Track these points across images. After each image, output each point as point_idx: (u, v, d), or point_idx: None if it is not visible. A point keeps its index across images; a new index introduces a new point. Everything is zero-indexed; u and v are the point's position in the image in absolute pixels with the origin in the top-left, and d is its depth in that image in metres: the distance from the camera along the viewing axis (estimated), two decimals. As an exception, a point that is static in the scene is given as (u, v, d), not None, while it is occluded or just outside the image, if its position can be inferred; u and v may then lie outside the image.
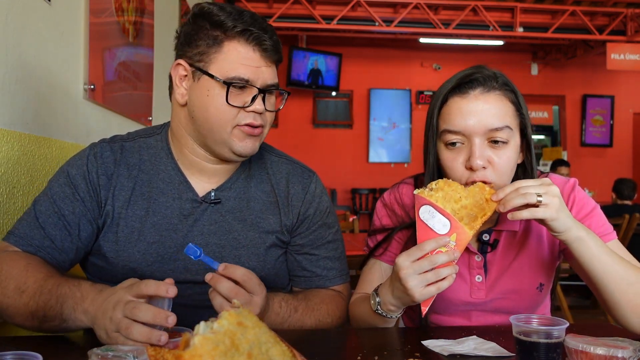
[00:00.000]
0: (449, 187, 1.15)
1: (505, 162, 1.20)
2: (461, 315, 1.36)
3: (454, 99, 1.22)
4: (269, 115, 1.28)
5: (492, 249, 1.32)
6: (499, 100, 1.21)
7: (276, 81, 1.27)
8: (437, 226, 1.11)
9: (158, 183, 1.31)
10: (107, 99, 2.36)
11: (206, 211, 1.30)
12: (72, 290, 1.10)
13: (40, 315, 1.11)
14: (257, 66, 1.22)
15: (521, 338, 0.95)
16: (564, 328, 0.94)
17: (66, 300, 1.09)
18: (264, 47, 1.22)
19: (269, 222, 1.34)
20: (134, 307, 0.97)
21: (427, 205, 1.13)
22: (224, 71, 1.21)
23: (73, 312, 1.08)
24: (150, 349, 0.71)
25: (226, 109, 1.22)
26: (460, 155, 1.21)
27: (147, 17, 2.99)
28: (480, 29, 7.63)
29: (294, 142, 8.50)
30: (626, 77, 9.22)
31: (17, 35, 1.54)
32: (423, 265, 1.07)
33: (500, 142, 1.19)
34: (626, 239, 4.57)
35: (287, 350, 0.81)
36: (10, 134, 1.49)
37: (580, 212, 1.28)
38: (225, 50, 1.22)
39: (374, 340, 1.15)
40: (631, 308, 1.13)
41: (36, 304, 1.11)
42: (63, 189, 1.27)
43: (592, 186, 7.85)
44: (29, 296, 1.12)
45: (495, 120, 1.19)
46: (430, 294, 1.09)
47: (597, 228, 1.25)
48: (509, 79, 1.27)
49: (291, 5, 7.14)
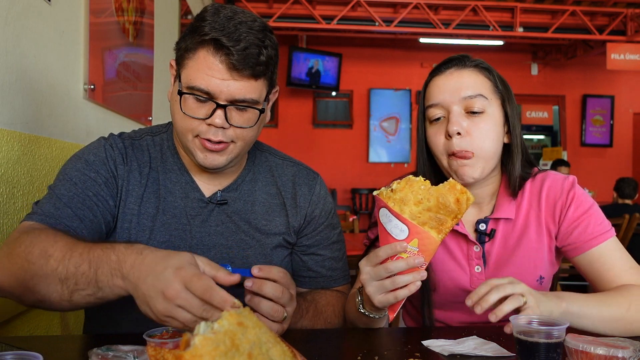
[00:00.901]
0: (410, 188, 1.04)
1: (483, 131, 1.26)
2: (462, 310, 1.36)
3: (432, 79, 1.33)
4: (238, 132, 1.20)
5: (490, 239, 1.33)
6: (472, 73, 1.30)
7: (249, 97, 1.18)
8: (395, 231, 1.04)
9: (166, 182, 1.30)
10: (107, 99, 2.36)
11: (213, 212, 1.30)
12: (106, 253, 0.97)
13: (72, 284, 0.99)
14: (223, 79, 1.15)
15: (521, 338, 0.95)
16: (564, 328, 0.94)
17: (100, 264, 0.97)
18: (231, 60, 1.14)
19: (275, 223, 1.34)
20: (206, 285, 0.87)
21: (384, 208, 1.05)
22: (189, 79, 1.17)
23: (110, 278, 0.96)
24: (151, 349, 0.71)
25: (184, 118, 1.19)
26: (442, 127, 1.29)
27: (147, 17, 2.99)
28: (480, 29, 7.62)
29: (293, 142, 8.50)
30: (626, 77, 9.22)
31: (17, 35, 1.54)
32: (379, 273, 1.05)
33: (478, 112, 1.26)
34: (626, 239, 4.57)
35: (288, 350, 0.81)
36: (10, 134, 1.49)
37: (577, 209, 1.29)
38: (197, 56, 1.16)
39: (374, 340, 1.15)
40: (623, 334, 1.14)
41: (66, 270, 0.98)
42: (83, 174, 1.22)
43: (592, 186, 7.85)
44: (57, 260, 0.99)
45: (469, 90, 1.27)
46: (388, 302, 1.07)
47: (595, 226, 1.27)
48: (487, 64, 1.35)
49: (291, 5, 7.14)
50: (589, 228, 1.27)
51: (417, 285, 1.04)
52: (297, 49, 8.33)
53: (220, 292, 0.88)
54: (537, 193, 1.34)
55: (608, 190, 8.43)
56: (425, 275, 1.05)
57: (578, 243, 1.27)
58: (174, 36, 3.76)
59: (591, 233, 1.27)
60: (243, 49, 1.14)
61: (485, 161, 1.27)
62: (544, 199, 1.32)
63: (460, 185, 1.03)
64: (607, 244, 1.26)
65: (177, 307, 0.88)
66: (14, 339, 1.21)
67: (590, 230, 1.27)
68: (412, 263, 1.03)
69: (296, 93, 8.70)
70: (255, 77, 1.17)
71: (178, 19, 3.87)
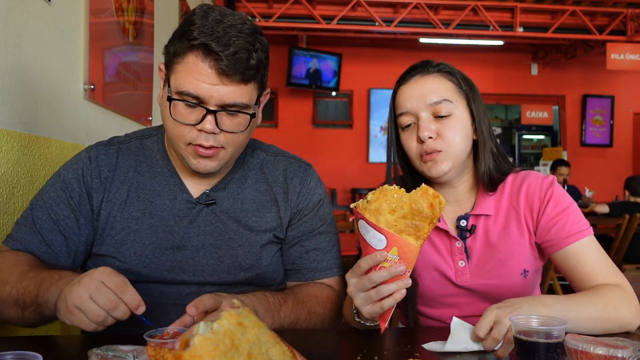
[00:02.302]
0: (384, 197, 1.05)
1: (452, 132, 1.32)
2: (452, 306, 1.39)
3: (400, 88, 1.40)
4: (229, 137, 1.20)
5: (471, 234, 1.37)
6: (435, 79, 1.36)
7: (240, 101, 1.17)
8: (373, 241, 1.04)
9: (154, 185, 1.31)
10: (107, 99, 2.36)
11: (201, 212, 1.31)
12: (51, 274, 1.10)
13: (21, 303, 1.11)
14: (213, 84, 1.14)
15: (521, 338, 0.95)
16: (564, 328, 0.94)
17: (43, 282, 1.09)
18: (220, 65, 1.12)
19: (265, 220, 1.34)
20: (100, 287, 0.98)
21: (362, 219, 1.05)
22: (178, 84, 1.16)
23: (46, 292, 1.07)
24: (150, 349, 0.71)
25: (175, 124, 1.19)
26: (413, 133, 1.36)
27: (147, 17, 2.99)
28: (480, 29, 7.62)
29: (293, 142, 8.49)
30: (626, 77, 9.21)
31: (17, 35, 1.54)
32: (364, 284, 1.06)
33: (445, 115, 1.32)
34: (626, 239, 4.57)
35: (287, 351, 0.81)
36: (10, 134, 1.49)
37: (556, 207, 1.32)
38: (186, 61, 1.15)
39: (374, 340, 1.15)
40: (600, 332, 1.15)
41: (17, 292, 1.11)
42: (58, 194, 1.28)
43: (592, 186, 7.84)
44: (11, 286, 1.12)
45: (434, 96, 1.33)
46: (375, 313, 1.08)
47: (573, 224, 1.30)
48: (450, 66, 1.40)
49: (291, 5, 7.14)
50: (567, 226, 1.30)
51: (402, 293, 1.05)
52: (297, 49, 8.33)
53: (132, 291, 1.00)
54: (517, 190, 1.37)
55: (608, 190, 8.44)
56: (410, 282, 1.05)
57: (555, 240, 1.30)
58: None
59: (568, 231, 1.29)
60: (232, 54, 1.13)
61: (453, 157, 1.33)
62: (523, 196, 1.36)
63: (432, 190, 1.05)
64: (584, 242, 1.29)
65: (87, 296, 0.97)
66: (14, 339, 1.21)
67: (567, 228, 1.29)
68: (395, 271, 1.04)
69: (296, 93, 8.69)
70: (245, 81, 1.16)
71: (178, 19, 3.87)
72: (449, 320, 1.38)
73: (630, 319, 1.19)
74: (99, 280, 0.99)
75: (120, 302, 0.99)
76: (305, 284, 1.38)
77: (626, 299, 1.20)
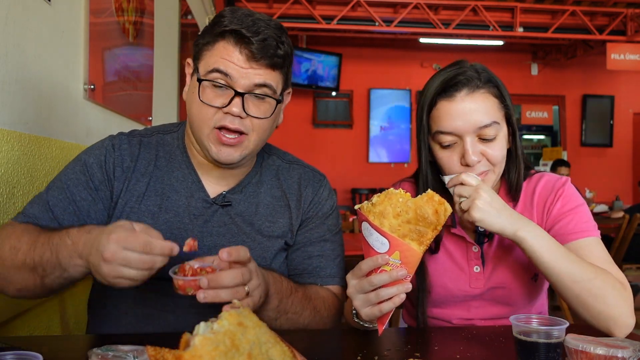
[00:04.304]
0: (389, 201, 1.04)
1: (498, 152, 1.28)
2: (460, 307, 1.38)
3: (441, 102, 1.27)
4: (255, 122, 1.23)
5: (489, 240, 1.36)
6: (484, 98, 1.27)
7: (269, 82, 1.21)
8: (376, 244, 1.04)
9: (172, 181, 1.31)
10: (107, 99, 2.36)
11: (216, 213, 1.31)
12: (62, 239, 1.08)
13: (40, 270, 1.09)
14: (242, 67, 1.19)
15: (521, 338, 0.95)
16: (564, 328, 0.94)
17: (60, 249, 1.07)
18: (250, 49, 1.17)
19: (277, 225, 1.34)
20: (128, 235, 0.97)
21: (365, 222, 1.05)
22: (208, 65, 1.21)
23: (70, 260, 1.06)
24: (151, 349, 0.71)
25: (202, 107, 1.21)
26: (455, 153, 1.28)
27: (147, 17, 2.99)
28: (480, 29, 7.62)
29: (294, 142, 8.49)
30: (626, 77, 9.21)
31: (17, 35, 1.54)
32: (364, 286, 1.06)
33: (491, 137, 1.26)
34: (626, 239, 4.57)
35: (287, 351, 0.81)
36: (10, 134, 1.49)
37: (565, 206, 1.31)
38: (216, 47, 1.21)
39: (374, 340, 1.15)
40: (579, 304, 1.16)
41: (32, 260, 1.09)
42: (77, 176, 1.27)
43: (592, 186, 7.84)
44: (24, 253, 1.10)
45: (484, 118, 1.25)
46: (374, 315, 1.07)
47: (579, 223, 1.29)
48: (490, 72, 1.31)
49: (291, 5, 7.14)
50: (572, 223, 1.29)
51: (401, 298, 1.05)
52: (297, 49, 8.33)
53: (159, 242, 0.99)
54: (531, 193, 1.37)
55: (608, 190, 8.45)
56: (410, 287, 1.05)
57: (559, 236, 1.29)
58: (174, 36, 3.76)
59: (573, 228, 1.28)
60: (262, 40, 1.18)
61: (497, 175, 1.31)
62: (537, 197, 1.35)
63: (438, 197, 1.04)
64: (588, 240, 1.27)
65: (120, 266, 0.97)
66: (14, 339, 1.21)
67: (572, 225, 1.29)
68: (396, 275, 1.03)
69: (296, 93, 8.67)
70: (273, 67, 1.21)
71: (178, 19, 3.86)
72: (455, 320, 1.39)
73: (617, 308, 1.15)
74: (122, 248, 0.97)
75: (154, 258, 0.99)
76: (314, 285, 1.38)
77: (619, 290, 1.17)
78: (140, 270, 0.99)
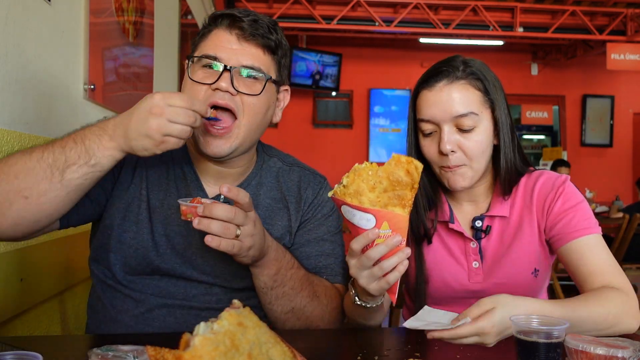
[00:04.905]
0: (360, 178, 1.04)
1: (475, 145, 1.29)
2: (461, 304, 1.37)
3: (423, 91, 1.32)
4: (246, 101, 1.22)
5: (486, 235, 1.37)
6: (462, 89, 1.29)
7: (257, 65, 1.23)
8: (362, 222, 1.04)
9: (173, 178, 1.32)
10: (107, 99, 2.36)
11: None
12: (86, 129, 1.09)
13: (61, 163, 1.04)
14: (232, 48, 1.22)
15: (521, 338, 0.95)
16: (564, 328, 0.94)
17: (85, 136, 1.07)
18: (241, 27, 1.21)
19: (276, 228, 1.34)
20: None
21: (344, 205, 1.05)
22: (199, 51, 1.25)
23: (99, 142, 1.06)
24: (151, 349, 0.71)
25: (193, 86, 1.22)
26: (434, 142, 1.32)
27: (147, 17, 2.99)
28: (480, 29, 7.62)
29: (294, 142, 8.49)
30: (626, 77, 9.21)
31: (17, 35, 1.54)
32: (364, 262, 1.06)
33: (468, 128, 1.28)
34: (626, 239, 4.56)
35: (288, 351, 0.81)
36: (10, 134, 1.49)
37: (565, 203, 1.32)
38: (209, 37, 1.25)
39: (374, 340, 1.16)
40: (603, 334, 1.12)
41: (52, 154, 1.05)
42: None
43: (592, 186, 7.84)
44: (41, 151, 1.05)
45: (460, 107, 1.28)
46: (383, 289, 1.08)
47: (580, 221, 1.29)
48: (480, 66, 1.32)
49: (291, 5, 7.14)
50: (574, 221, 1.29)
51: (405, 265, 1.05)
52: (297, 49, 8.32)
53: (198, 101, 1.10)
54: (531, 190, 1.37)
55: (608, 190, 8.44)
56: (409, 252, 1.05)
57: (561, 234, 1.30)
58: (174, 36, 3.76)
59: (575, 226, 1.29)
60: (253, 20, 1.23)
61: (475, 170, 1.31)
62: (536, 194, 1.36)
63: (405, 157, 1.05)
64: (590, 238, 1.28)
65: (167, 121, 1.04)
66: (14, 339, 1.21)
67: (574, 223, 1.29)
68: (392, 243, 1.03)
69: (296, 93, 8.67)
70: (263, 48, 1.24)
71: (178, 19, 3.86)
72: None
73: (630, 325, 1.17)
74: (167, 104, 1.04)
75: (195, 114, 1.08)
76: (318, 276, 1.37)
77: (628, 304, 1.18)
78: (184, 126, 1.05)
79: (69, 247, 1.80)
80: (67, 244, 1.78)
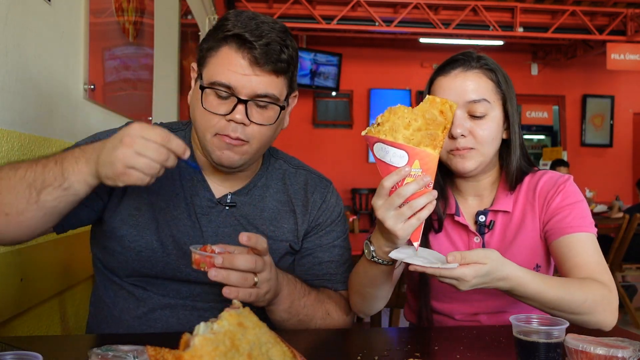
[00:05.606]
0: (395, 115, 1.06)
1: (486, 132, 1.31)
2: (462, 300, 1.39)
3: (438, 78, 1.36)
4: (257, 129, 1.21)
5: (489, 230, 1.39)
6: (476, 77, 1.33)
7: (271, 92, 1.20)
8: (395, 160, 1.06)
9: (179, 178, 1.31)
10: (107, 99, 2.36)
11: (221, 213, 1.31)
12: (69, 150, 1.08)
13: (39, 183, 1.03)
14: (245, 74, 1.17)
15: (521, 338, 0.95)
16: (564, 328, 0.94)
17: (65, 157, 1.05)
18: (253, 55, 1.16)
19: (282, 230, 1.34)
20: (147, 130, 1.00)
21: (378, 142, 1.06)
22: (210, 75, 1.20)
23: (75, 165, 1.04)
24: (151, 349, 0.71)
25: (205, 114, 1.20)
26: None
27: (147, 17, 2.99)
28: (480, 29, 7.63)
29: (294, 142, 8.48)
30: (626, 77, 9.21)
31: (17, 35, 1.54)
32: (394, 202, 1.05)
33: (480, 116, 1.30)
34: (626, 239, 4.57)
35: (288, 351, 0.81)
36: (10, 134, 1.49)
37: (564, 200, 1.34)
38: (219, 54, 1.19)
39: (374, 340, 1.16)
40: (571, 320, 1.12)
41: (34, 172, 1.04)
42: None
43: (592, 186, 7.84)
44: (24, 169, 1.06)
45: (473, 94, 1.31)
46: (412, 227, 1.07)
47: (575, 218, 1.30)
48: (493, 62, 1.37)
49: (291, 5, 7.14)
50: (569, 217, 1.30)
51: (434, 204, 1.07)
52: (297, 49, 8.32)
53: (176, 139, 1.02)
54: (534, 187, 1.39)
55: (608, 190, 8.44)
56: (437, 193, 1.07)
57: (555, 229, 1.31)
58: (174, 36, 3.76)
59: (569, 222, 1.30)
60: (265, 44, 1.17)
61: (483, 156, 1.33)
62: (539, 190, 1.37)
63: (439, 98, 1.08)
64: (582, 235, 1.28)
65: (135, 154, 0.99)
66: (14, 339, 1.21)
67: (569, 220, 1.30)
68: (422, 182, 1.05)
69: (296, 93, 8.71)
70: (276, 73, 1.20)
71: (178, 19, 3.86)
72: (459, 316, 1.40)
73: (605, 319, 1.18)
74: (140, 136, 1.00)
75: (169, 153, 1.02)
76: (326, 289, 1.38)
77: (607, 299, 1.19)
78: (153, 162, 1.00)
79: (69, 247, 1.80)
80: (67, 244, 1.78)
